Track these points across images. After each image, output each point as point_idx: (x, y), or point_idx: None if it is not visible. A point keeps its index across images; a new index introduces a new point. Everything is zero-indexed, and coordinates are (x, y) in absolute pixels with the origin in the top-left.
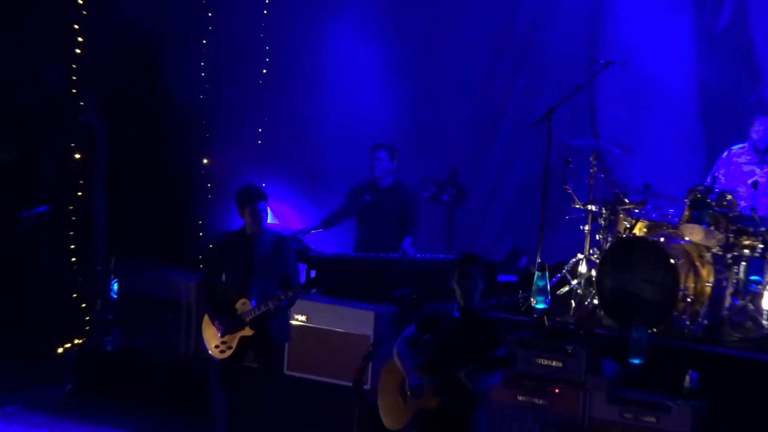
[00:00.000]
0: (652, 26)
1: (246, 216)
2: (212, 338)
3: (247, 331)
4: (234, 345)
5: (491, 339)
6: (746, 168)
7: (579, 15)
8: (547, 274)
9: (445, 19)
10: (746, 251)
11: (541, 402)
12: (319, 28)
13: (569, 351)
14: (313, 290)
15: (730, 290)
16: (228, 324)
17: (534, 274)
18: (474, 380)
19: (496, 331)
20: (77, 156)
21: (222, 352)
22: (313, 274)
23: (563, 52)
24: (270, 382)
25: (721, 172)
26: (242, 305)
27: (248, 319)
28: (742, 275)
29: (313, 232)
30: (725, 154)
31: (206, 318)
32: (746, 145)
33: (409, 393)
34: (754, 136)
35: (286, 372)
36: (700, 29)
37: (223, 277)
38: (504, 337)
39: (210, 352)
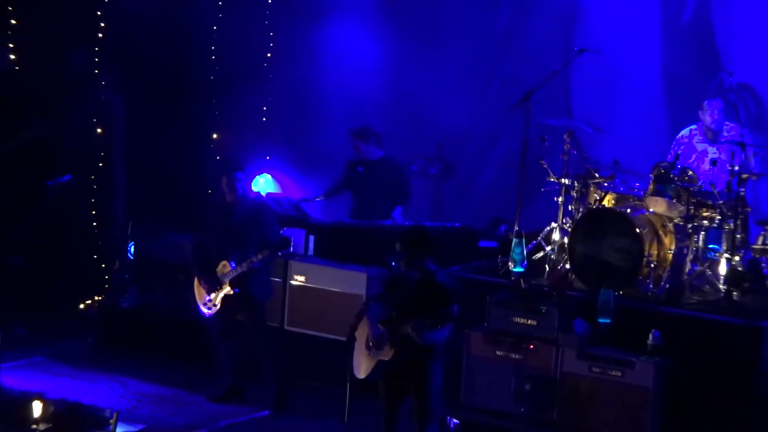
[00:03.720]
0: (623, 17)
1: (223, 186)
2: (201, 296)
3: (228, 290)
4: (218, 303)
5: (443, 298)
6: (699, 147)
7: (556, 7)
8: (524, 241)
9: (436, 12)
10: (705, 222)
11: (517, 357)
12: (321, 14)
13: (543, 311)
14: (283, 251)
15: (690, 257)
16: (211, 283)
17: (512, 240)
18: (419, 333)
19: (448, 291)
20: (99, 131)
21: (209, 309)
22: (312, 239)
23: (541, 41)
24: (255, 334)
25: (681, 149)
26: (222, 267)
27: (227, 280)
28: (701, 244)
29: (316, 201)
30: (684, 132)
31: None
32: (697, 126)
33: (371, 344)
34: (707, 119)
35: (286, 327)
36: (667, 20)
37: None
38: (459, 297)
39: (200, 308)
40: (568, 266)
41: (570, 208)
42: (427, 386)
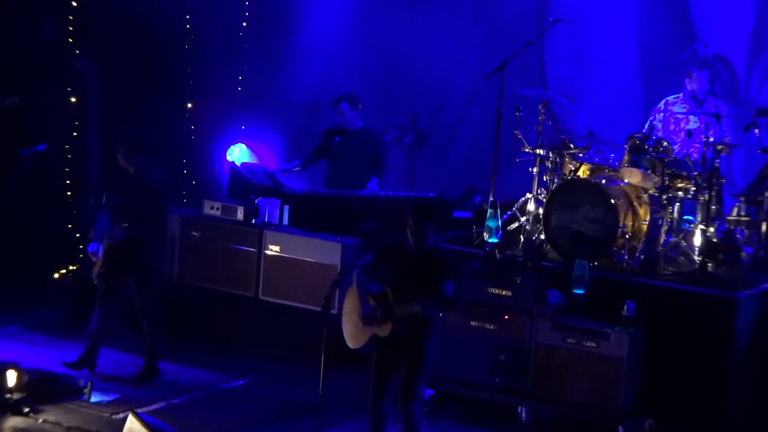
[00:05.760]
0: None
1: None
2: None
3: (96, 260)
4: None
5: (441, 272)
6: (680, 116)
7: None
8: (499, 212)
9: None
10: (680, 193)
11: (492, 327)
12: None
13: (518, 281)
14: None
15: (664, 228)
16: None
17: (487, 211)
18: (425, 311)
19: (445, 264)
20: (72, 100)
21: None
22: (287, 209)
23: (516, 10)
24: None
25: (659, 118)
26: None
27: (100, 250)
28: (676, 215)
29: (293, 170)
30: (661, 103)
31: None
32: (681, 95)
33: (360, 321)
34: (694, 86)
35: (261, 297)
36: None
37: None
38: (454, 270)
39: None
40: (542, 237)
41: (545, 179)
42: (420, 363)
